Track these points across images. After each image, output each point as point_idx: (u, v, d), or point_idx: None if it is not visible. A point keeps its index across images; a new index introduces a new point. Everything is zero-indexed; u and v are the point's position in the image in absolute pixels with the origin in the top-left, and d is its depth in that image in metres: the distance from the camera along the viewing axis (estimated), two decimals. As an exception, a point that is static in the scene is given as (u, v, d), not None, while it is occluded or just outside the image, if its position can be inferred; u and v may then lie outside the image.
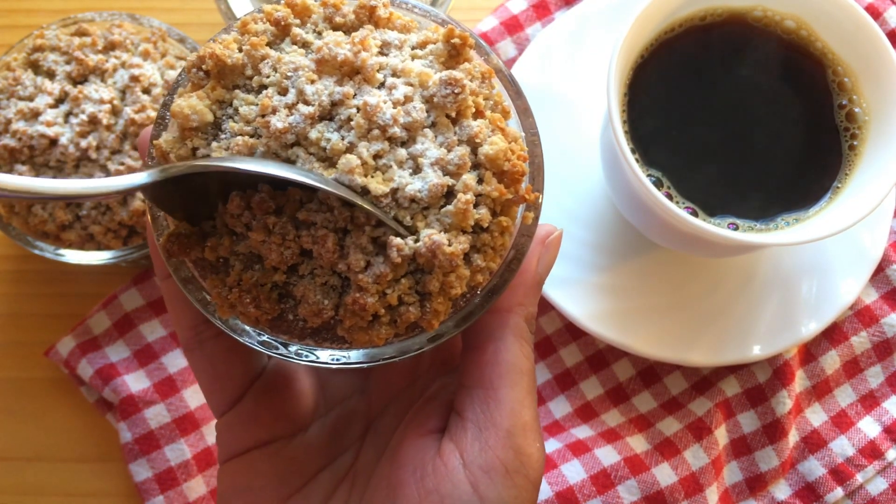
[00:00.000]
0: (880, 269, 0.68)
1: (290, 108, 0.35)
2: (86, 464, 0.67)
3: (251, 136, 0.35)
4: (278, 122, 0.34)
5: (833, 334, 0.68)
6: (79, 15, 0.66)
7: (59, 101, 0.61)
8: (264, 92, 0.36)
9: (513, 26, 0.74)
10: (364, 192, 0.34)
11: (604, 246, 0.66)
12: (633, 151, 0.56)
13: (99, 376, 0.65)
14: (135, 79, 0.62)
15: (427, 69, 0.36)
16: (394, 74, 0.36)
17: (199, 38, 0.69)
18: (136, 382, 0.65)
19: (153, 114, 0.61)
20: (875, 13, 0.72)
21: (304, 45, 0.37)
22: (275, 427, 0.43)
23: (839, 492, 0.65)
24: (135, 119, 0.60)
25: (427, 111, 0.36)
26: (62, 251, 0.62)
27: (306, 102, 0.35)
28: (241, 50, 0.36)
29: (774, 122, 0.58)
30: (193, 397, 0.66)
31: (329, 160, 0.35)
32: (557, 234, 0.43)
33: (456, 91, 0.35)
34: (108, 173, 0.60)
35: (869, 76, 0.56)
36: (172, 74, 0.63)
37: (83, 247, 0.62)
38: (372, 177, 0.34)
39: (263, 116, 0.35)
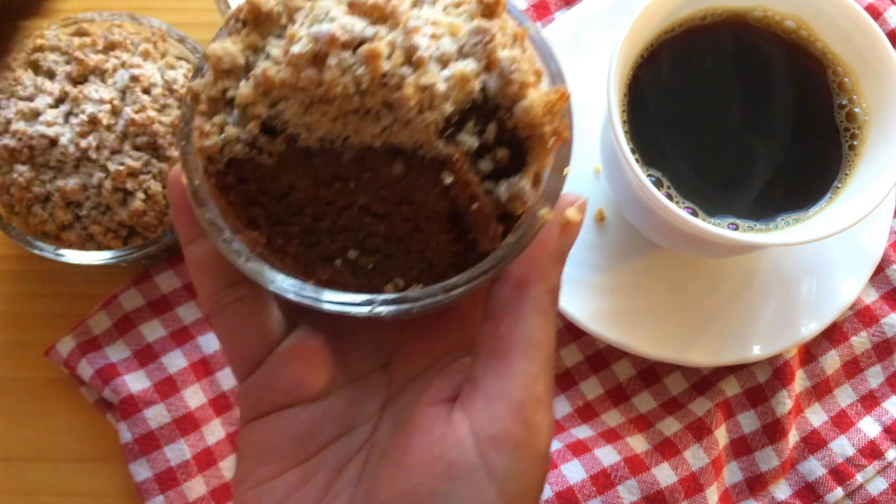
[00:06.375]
0: (880, 269, 0.68)
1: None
2: (86, 464, 0.67)
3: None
4: (296, 48, 0.33)
5: (833, 334, 0.68)
6: (79, 15, 0.66)
7: (60, 101, 0.61)
8: (292, 26, 0.35)
9: (513, 26, 0.74)
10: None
11: (604, 246, 0.66)
12: (633, 151, 0.56)
13: (99, 376, 0.65)
14: (135, 79, 0.62)
15: (457, 20, 0.36)
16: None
17: (200, 38, 0.69)
18: (136, 382, 0.65)
19: (153, 114, 0.61)
20: (875, 13, 0.72)
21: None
22: (293, 393, 0.43)
23: (839, 492, 0.65)
24: (135, 119, 0.60)
25: (457, 57, 0.35)
26: (62, 251, 0.62)
27: None
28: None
29: (774, 122, 0.58)
30: (193, 397, 0.66)
31: None
32: (580, 202, 0.40)
33: (485, 40, 0.34)
34: (107, 173, 0.60)
35: (869, 76, 0.56)
36: (172, 74, 0.63)
37: (83, 247, 0.62)
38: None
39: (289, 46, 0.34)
